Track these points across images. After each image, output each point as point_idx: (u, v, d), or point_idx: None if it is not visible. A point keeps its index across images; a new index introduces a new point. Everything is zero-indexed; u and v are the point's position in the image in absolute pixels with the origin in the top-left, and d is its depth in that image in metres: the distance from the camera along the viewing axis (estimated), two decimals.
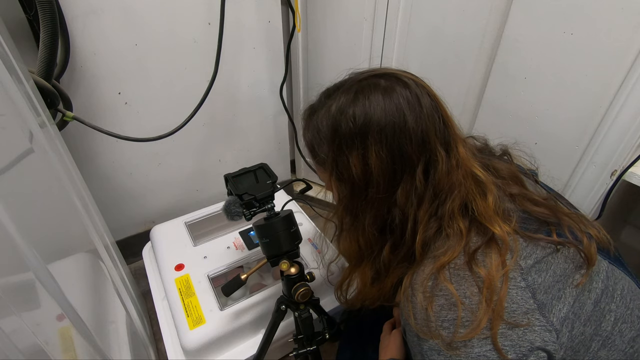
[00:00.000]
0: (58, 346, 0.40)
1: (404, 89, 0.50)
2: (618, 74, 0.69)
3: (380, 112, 0.49)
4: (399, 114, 0.49)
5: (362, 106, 0.49)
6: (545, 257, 0.48)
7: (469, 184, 0.51)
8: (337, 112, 0.51)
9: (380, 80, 0.51)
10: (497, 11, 0.82)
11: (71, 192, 0.64)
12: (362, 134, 0.49)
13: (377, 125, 0.49)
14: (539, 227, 0.51)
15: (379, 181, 0.50)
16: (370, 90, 0.50)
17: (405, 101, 0.49)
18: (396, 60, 1.05)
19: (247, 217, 0.66)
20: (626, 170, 0.75)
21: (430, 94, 0.52)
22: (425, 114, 0.49)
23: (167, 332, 0.86)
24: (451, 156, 0.51)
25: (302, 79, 1.28)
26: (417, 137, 0.49)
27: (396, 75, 0.52)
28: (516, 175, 0.58)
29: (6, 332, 0.28)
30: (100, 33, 0.86)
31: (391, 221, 0.53)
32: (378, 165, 0.49)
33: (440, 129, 0.51)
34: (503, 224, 0.48)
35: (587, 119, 0.76)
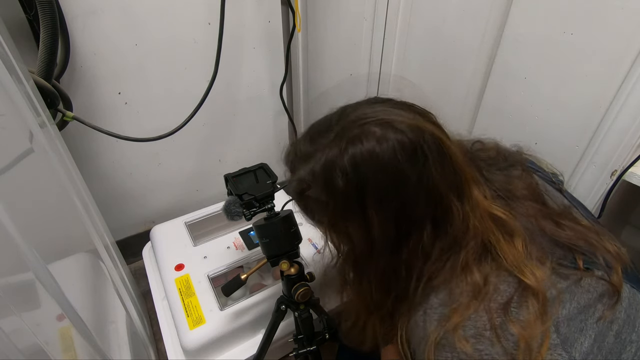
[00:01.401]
0: (58, 346, 0.40)
1: (402, 138, 0.42)
2: (618, 74, 0.69)
3: (377, 172, 0.42)
4: (398, 171, 0.42)
5: (355, 164, 0.42)
6: (569, 286, 0.44)
7: (487, 226, 0.45)
8: (326, 170, 0.44)
9: (373, 129, 0.43)
10: (497, 11, 0.82)
11: (71, 192, 0.64)
12: (359, 198, 0.43)
13: (375, 187, 0.43)
14: (565, 254, 0.46)
15: (382, 245, 0.46)
16: (362, 142, 0.42)
17: (405, 154, 0.42)
18: (396, 60, 1.05)
19: (247, 217, 0.66)
20: (626, 170, 0.75)
21: (434, 135, 0.44)
22: (431, 165, 0.42)
23: (167, 332, 0.86)
24: (464, 202, 0.45)
25: (302, 79, 1.28)
26: (423, 194, 0.43)
27: (391, 123, 0.43)
28: (534, 191, 0.52)
29: (6, 332, 0.28)
30: (100, 33, 0.86)
31: (396, 277, 0.48)
32: (380, 232, 0.44)
33: (450, 175, 0.44)
34: (537, 269, 0.42)
35: (587, 119, 0.76)
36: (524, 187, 0.52)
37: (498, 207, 0.47)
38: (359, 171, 0.42)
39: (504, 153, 0.59)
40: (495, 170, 0.54)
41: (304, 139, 0.49)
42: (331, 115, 0.50)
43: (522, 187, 0.52)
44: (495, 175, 0.53)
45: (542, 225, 0.48)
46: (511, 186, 0.51)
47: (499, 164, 0.56)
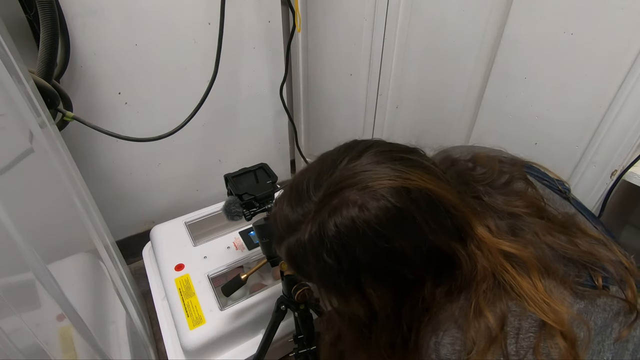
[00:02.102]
0: (58, 346, 0.40)
1: (384, 205, 0.38)
2: (618, 74, 0.69)
3: (364, 245, 0.39)
4: (387, 241, 0.38)
5: (340, 240, 0.39)
6: (586, 306, 0.42)
7: (498, 263, 0.42)
8: (313, 247, 0.41)
9: (353, 197, 0.39)
10: (497, 11, 0.82)
11: (71, 192, 0.64)
12: (352, 274, 0.41)
13: (366, 262, 0.40)
14: (579, 271, 0.44)
15: (384, 314, 0.43)
16: (343, 215, 0.39)
17: (390, 222, 0.38)
18: (396, 60, 1.05)
19: (247, 217, 0.66)
20: (626, 170, 0.75)
21: (421, 188, 0.40)
22: (422, 222, 0.39)
23: (167, 332, 0.86)
24: (469, 243, 0.42)
25: (302, 79, 1.28)
26: (419, 255, 0.40)
27: (372, 187, 0.39)
28: (536, 207, 0.49)
29: (6, 332, 0.28)
30: (100, 33, 0.86)
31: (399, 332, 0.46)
32: (380, 303, 0.42)
33: (446, 223, 0.41)
34: (560, 304, 0.39)
35: (587, 119, 0.76)
36: (525, 205, 0.49)
37: (506, 242, 0.43)
38: (345, 247, 0.39)
39: (500, 167, 0.55)
40: (494, 190, 0.51)
41: (286, 200, 0.45)
42: (310, 171, 0.46)
43: (523, 205, 0.49)
44: (494, 198, 0.49)
45: (550, 242, 0.45)
46: (513, 208, 0.48)
47: (497, 181, 0.53)
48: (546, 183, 0.57)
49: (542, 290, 0.40)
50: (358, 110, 1.21)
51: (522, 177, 0.54)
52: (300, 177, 0.46)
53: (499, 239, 0.43)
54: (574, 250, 0.45)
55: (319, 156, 0.48)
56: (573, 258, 0.44)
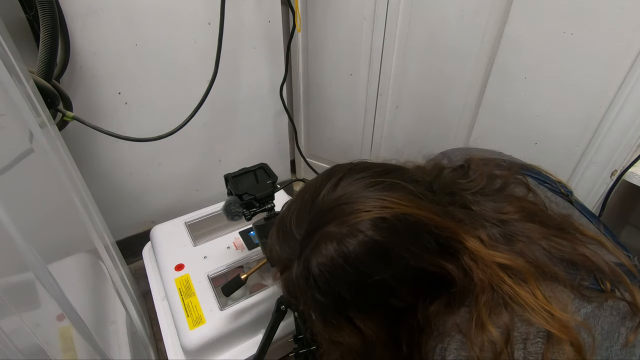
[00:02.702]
0: (58, 346, 0.40)
1: (360, 237, 0.38)
2: (618, 74, 0.69)
3: (347, 281, 0.39)
4: (369, 274, 0.39)
5: (323, 278, 0.39)
6: (593, 310, 0.41)
7: (495, 274, 0.41)
8: (300, 285, 0.42)
9: (333, 231, 0.40)
10: (497, 11, 0.82)
11: (71, 192, 0.64)
12: (340, 309, 0.41)
13: (351, 297, 0.40)
14: (585, 274, 0.43)
15: (380, 342, 0.43)
16: (321, 252, 0.39)
17: (368, 254, 0.38)
18: (396, 60, 1.05)
19: (247, 217, 0.66)
20: (626, 170, 0.75)
21: (399, 215, 0.39)
22: (404, 250, 0.39)
23: (167, 332, 0.86)
24: (461, 258, 0.41)
25: (302, 79, 1.28)
26: (403, 284, 0.40)
27: (350, 222, 0.39)
28: (528, 211, 0.48)
29: (6, 332, 0.28)
30: (100, 33, 0.86)
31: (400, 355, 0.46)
32: (373, 333, 0.42)
33: (431, 244, 0.40)
34: (561, 311, 0.38)
35: (587, 119, 0.76)
36: (516, 211, 0.47)
37: (499, 253, 0.42)
38: (329, 284, 0.40)
39: (494, 172, 0.54)
40: (484, 197, 0.49)
41: (276, 238, 0.46)
42: (293, 207, 0.46)
43: (514, 210, 0.47)
44: (484, 206, 0.48)
45: (546, 246, 0.44)
46: (503, 215, 0.47)
47: (488, 187, 0.51)
48: (548, 186, 0.56)
49: (542, 299, 0.39)
50: (358, 110, 1.21)
51: (518, 181, 0.53)
52: (285, 213, 0.47)
53: (492, 250, 0.42)
54: (570, 252, 0.44)
55: (301, 187, 0.48)
56: (574, 261, 0.44)
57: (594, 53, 0.71)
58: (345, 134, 1.30)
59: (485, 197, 0.49)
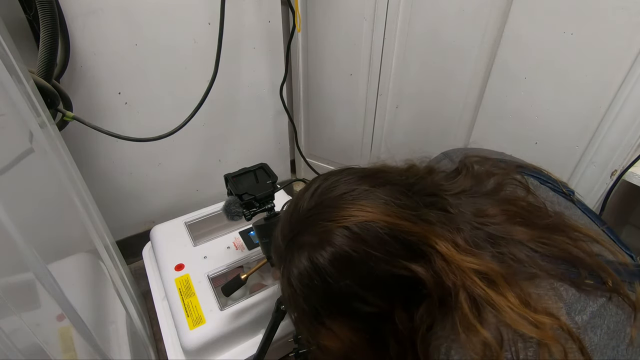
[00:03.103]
0: (58, 346, 0.40)
1: (327, 249, 0.41)
2: (618, 74, 0.69)
3: (315, 288, 0.41)
4: (331, 282, 0.40)
5: (300, 286, 0.42)
6: (599, 308, 0.40)
7: (468, 279, 0.40)
8: (286, 292, 0.46)
9: (303, 239, 0.43)
10: (497, 11, 0.82)
11: (71, 192, 0.64)
12: (315, 316, 0.44)
13: (321, 305, 0.43)
14: (587, 273, 0.42)
15: (361, 347, 0.44)
16: (295, 264, 0.42)
17: (334, 264, 0.40)
18: (396, 60, 1.05)
19: (247, 217, 0.66)
20: (626, 170, 0.75)
21: (359, 222, 0.41)
22: (366, 256, 0.40)
23: (167, 332, 0.86)
24: (433, 259, 0.41)
25: (302, 79, 1.28)
26: (373, 289, 0.41)
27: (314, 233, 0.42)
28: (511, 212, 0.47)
29: (6, 332, 0.28)
30: (100, 33, 0.86)
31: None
32: (346, 338, 0.44)
33: (396, 248, 0.41)
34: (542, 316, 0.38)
35: (587, 119, 0.76)
36: (501, 213, 0.46)
37: (470, 257, 0.41)
38: (304, 292, 0.43)
39: (488, 172, 0.53)
40: (468, 199, 0.49)
41: (272, 249, 0.50)
42: (282, 221, 0.49)
43: (499, 213, 0.46)
44: (464, 208, 0.47)
45: (537, 247, 0.44)
46: (484, 218, 0.46)
47: (476, 189, 0.51)
48: (550, 186, 0.56)
49: (514, 301, 0.39)
50: (358, 110, 1.21)
51: (516, 182, 0.52)
52: (278, 226, 0.49)
53: (464, 254, 0.41)
54: (563, 251, 0.43)
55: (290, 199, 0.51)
56: (570, 259, 0.43)
57: (594, 53, 0.71)
58: (346, 134, 1.30)
59: (470, 198, 0.49)
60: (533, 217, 0.47)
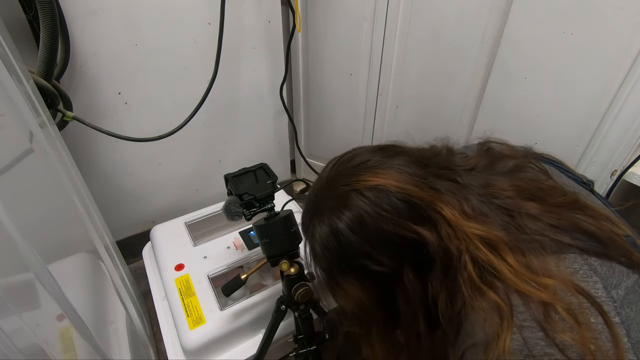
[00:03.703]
0: (58, 346, 0.40)
1: (344, 212, 0.45)
2: (618, 74, 0.69)
3: (328, 251, 0.46)
4: (344, 244, 0.45)
5: (318, 249, 0.48)
6: (633, 285, 0.41)
7: (473, 245, 0.42)
8: (310, 259, 0.51)
9: (324, 207, 0.47)
10: (497, 11, 0.82)
11: (71, 192, 0.64)
12: (331, 276, 0.49)
13: (336, 265, 0.47)
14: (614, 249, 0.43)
15: (371, 307, 0.48)
16: (317, 227, 0.47)
17: (350, 224, 0.44)
18: (396, 60, 1.05)
19: (247, 217, 0.66)
20: (626, 170, 0.75)
21: (369, 185, 0.45)
22: (375, 215, 0.44)
23: (167, 332, 0.86)
24: (439, 224, 0.43)
25: (302, 79, 1.28)
26: (381, 249, 0.44)
27: (337, 196, 0.46)
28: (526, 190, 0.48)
29: (6, 332, 0.28)
30: (100, 33, 0.86)
31: (402, 323, 0.49)
32: (361, 295, 0.47)
33: (404, 211, 0.44)
34: (545, 278, 0.39)
35: (587, 119, 0.76)
36: (512, 188, 0.48)
37: (475, 224, 0.43)
38: (323, 251, 0.47)
39: (502, 154, 0.55)
40: (478, 174, 0.51)
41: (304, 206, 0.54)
42: (310, 189, 0.54)
43: (509, 187, 0.48)
44: (473, 180, 0.49)
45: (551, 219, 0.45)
46: (492, 189, 0.47)
47: (491, 167, 0.52)
48: (570, 176, 0.57)
49: (515, 265, 0.40)
50: (358, 110, 1.21)
51: (533, 166, 0.53)
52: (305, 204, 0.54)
53: (468, 221, 0.43)
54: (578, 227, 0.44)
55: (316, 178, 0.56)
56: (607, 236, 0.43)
57: (594, 53, 0.71)
58: (345, 134, 1.30)
59: (482, 174, 0.51)
60: (546, 195, 0.48)
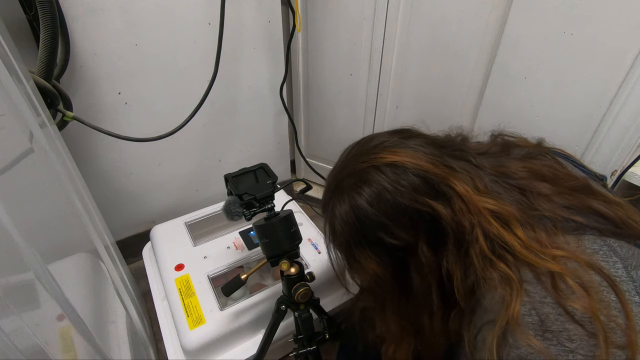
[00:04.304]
0: (58, 346, 0.40)
1: (363, 187, 0.47)
2: (618, 74, 0.69)
3: (347, 225, 0.48)
4: (363, 218, 0.47)
5: (338, 225, 0.49)
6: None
7: (485, 220, 0.44)
8: (329, 236, 0.53)
9: (344, 185, 0.49)
10: (497, 11, 0.82)
11: (71, 192, 0.64)
12: (348, 249, 0.50)
13: (352, 238, 0.49)
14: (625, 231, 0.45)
15: (386, 280, 0.49)
16: (337, 204, 0.49)
17: (367, 201, 0.46)
18: (396, 60, 1.05)
19: (247, 217, 0.66)
20: (626, 170, 0.75)
21: (385, 162, 0.47)
22: (392, 189, 0.45)
23: (167, 332, 0.86)
24: (452, 200, 0.45)
25: (302, 79, 1.28)
26: (397, 222, 0.46)
27: (356, 172, 0.49)
28: (540, 173, 0.50)
29: (6, 332, 0.28)
30: (100, 33, 0.86)
31: (417, 298, 0.50)
32: (377, 269, 0.49)
33: (420, 186, 0.46)
34: (555, 249, 0.41)
35: (587, 119, 0.76)
36: (524, 169, 0.50)
37: (488, 199, 0.45)
38: (342, 229, 0.49)
39: (514, 143, 0.58)
40: (490, 157, 0.53)
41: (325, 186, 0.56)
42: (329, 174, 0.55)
43: (521, 169, 0.50)
44: (485, 162, 0.51)
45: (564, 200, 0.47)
46: (504, 168, 0.50)
47: (503, 153, 0.55)
48: (583, 170, 0.58)
49: (524, 238, 0.42)
50: (358, 110, 1.21)
51: (547, 154, 0.56)
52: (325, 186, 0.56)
53: (481, 196, 0.46)
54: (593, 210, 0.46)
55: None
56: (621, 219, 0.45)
57: (594, 53, 0.71)
58: (345, 134, 1.30)
59: (495, 158, 0.53)
60: (559, 179, 0.50)
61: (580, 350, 0.36)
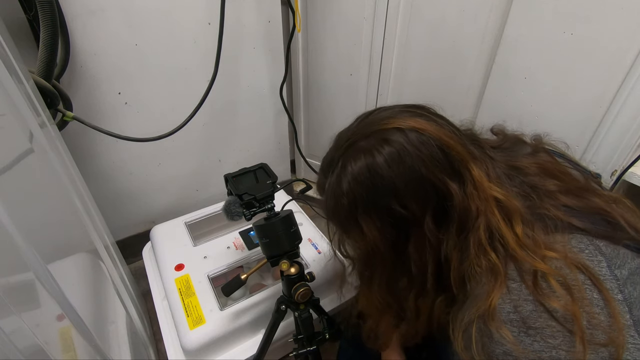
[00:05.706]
0: (58, 346, 0.40)
1: (384, 146, 0.45)
2: (618, 74, 0.69)
3: (358, 185, 0.46)
4: (377, 179, 0.45)
5: (347, 183, 0.47)
6: (637, 267, 0.43)
7: (489, 209, 0.44)
8: (330, 196, 0.50)
9: (360, 144, 0.47)
10: (497, 11, 0.82)
11: (71, 192, 0.64)
12: (351, 213, 0.48)
13: (360, 199, 0.46)
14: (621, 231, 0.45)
15: (383, 250, 0.48)
16: (350, 161, 0.47)
17: (386, 161, 0.44)
18: (396, 60, 1.05)
19: (247, 217, 0.66)
20: (626, 170, 0.75)
21: (411, 127, 0.45)
22: (413, 160, 0.44)
23: (167, 332, 0.86)
24: (466, 182, 0.45)
25: (302, 79, 1.28)
26: (411, 191, 0.45)
27: (377, 131, 0.47)
28: (547, 169, 0.51)
29: (6, 332, 0.28)
30: (100, 33, 0.86)
31: (409, 275, 0.50)
32: (376, 237, 0.47)
33: (441, 160, 0.45)
34: (548, 250, 0.41)
35: (587, 119, 0.76)
36: (534, 165, 0.50)
37: (498, 188, 0.45)
38: (349, 191, 0.47)
39: (520, 139, 0.59)
40: (501, 151, 0.54)
41: (320, 169, 0.54)
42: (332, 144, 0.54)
43: (532, 164, 0.50)
44: (499, 155, 0.52)
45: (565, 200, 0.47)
46: (517, 162, 0.51)
47: (516, 149, 0.56)
48: (578, 167, 0.58)
49: (521, 235, 0.43)
50: (358, 110, 1.20)
51: (547, 152, 0.56)
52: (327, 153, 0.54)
53: (492, 184, 0.46)
54: (595, 209, 0.46)
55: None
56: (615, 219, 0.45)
57: (594, 53, 0.71)
58: None
59: (506, 152, 0.54)
60: (564, 175, 0.51)
61: (563, 346, 0.37)
